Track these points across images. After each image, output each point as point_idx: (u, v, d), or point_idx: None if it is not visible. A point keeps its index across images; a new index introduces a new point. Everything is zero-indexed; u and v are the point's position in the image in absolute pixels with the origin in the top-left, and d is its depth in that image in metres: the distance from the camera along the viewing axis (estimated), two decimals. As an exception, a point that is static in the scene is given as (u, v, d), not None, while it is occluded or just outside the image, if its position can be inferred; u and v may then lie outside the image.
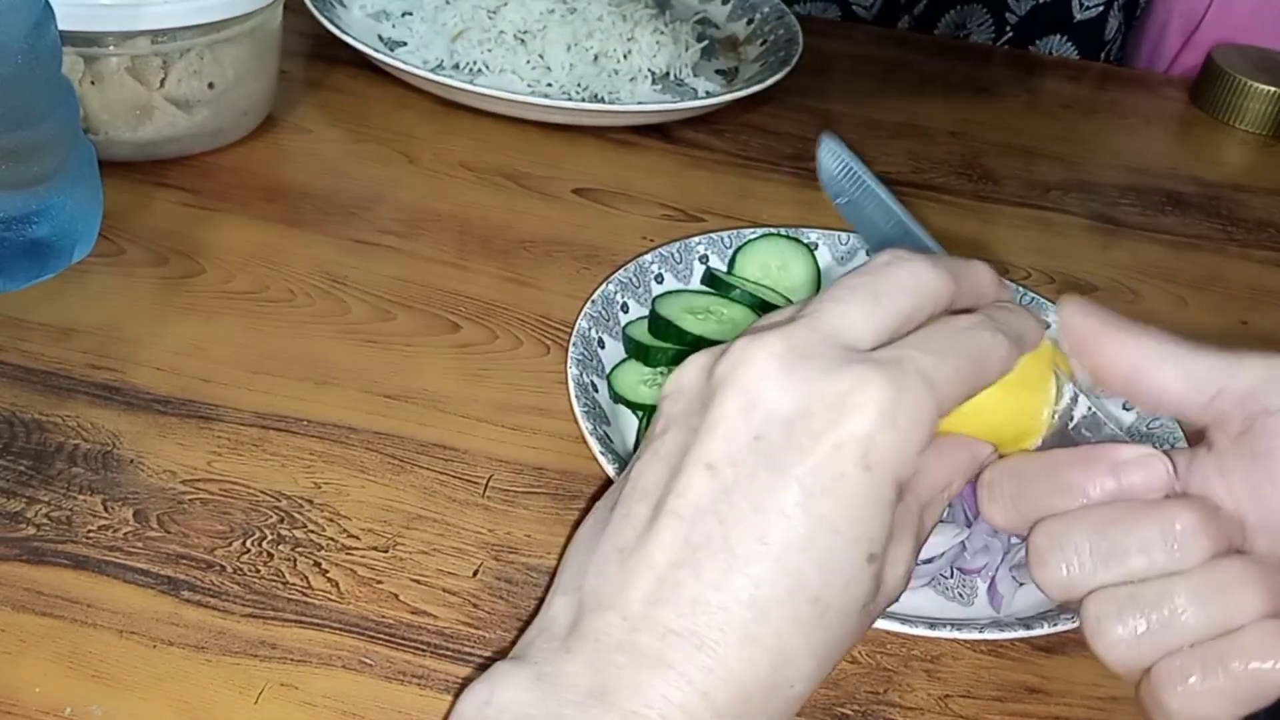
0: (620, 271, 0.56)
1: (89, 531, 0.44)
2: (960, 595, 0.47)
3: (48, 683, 0.39)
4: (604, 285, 0.55)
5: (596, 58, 0.78)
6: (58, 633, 0.40)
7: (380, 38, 0.79)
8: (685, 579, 0.28)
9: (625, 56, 0.79)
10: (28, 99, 0.49)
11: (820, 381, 0.29)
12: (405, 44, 0.79)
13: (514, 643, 0.33)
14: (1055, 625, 0.42)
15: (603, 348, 0.52)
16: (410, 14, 0.81)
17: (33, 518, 0.44)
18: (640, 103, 0.77)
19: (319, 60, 0.78)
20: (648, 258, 0.57)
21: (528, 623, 0.33)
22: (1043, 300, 0.58)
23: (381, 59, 0.73)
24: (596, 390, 0.50)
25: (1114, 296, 0.67)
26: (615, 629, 0.29)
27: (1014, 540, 0.48)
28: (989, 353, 0.31)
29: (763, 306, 0.56)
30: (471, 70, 0.77)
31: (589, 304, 0.53)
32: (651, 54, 0.79)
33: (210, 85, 0.64)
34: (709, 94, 0.79)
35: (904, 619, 0.42)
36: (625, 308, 0.55)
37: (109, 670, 0.40)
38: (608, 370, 0.52)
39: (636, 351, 0.53)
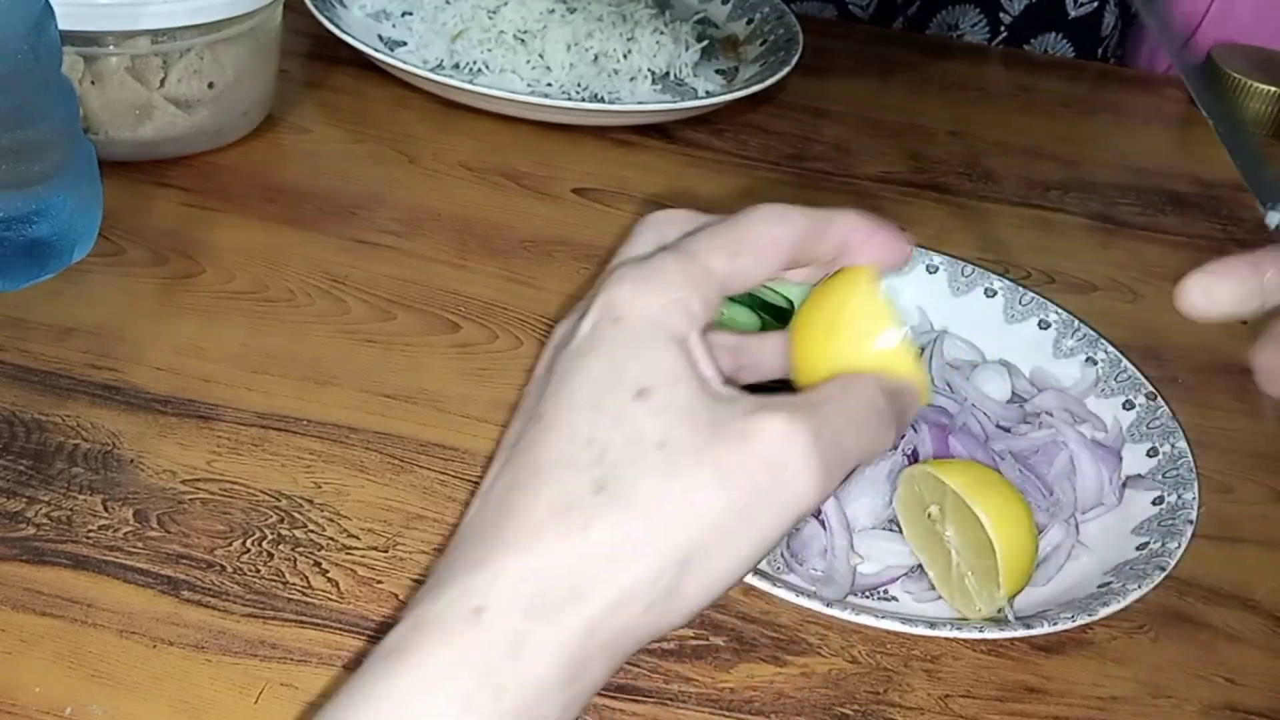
0: None
1: (89, 531, 0.44)
2: None
3: (48, 682, 0.39)
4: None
5: (596, 58, 0.78)
6: (58, 632, 0.40)
7: (380, 38, 0.79)
8: (493, 484, 0.30)
9: (625, 56, 0.79)
10: (28, 98, 0.49)
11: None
12: (405, 44, 0.79)
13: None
14: (1055, 625, 0.42)
15: None
16: (410, 14, 0.81)
17: (33, 517, 0.44)
18: (640, 103, 0.77)
19: (319, 60, 0.78)
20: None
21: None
22: (1043, 300, 0.58)
23: (381, 59, 0.73)
24: None
25: (1113, 296, 0.67)
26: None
27: None
28: (750, 214, 0.32)
29: (762, 306, 0.56)
30: (471, 70, 0.77)
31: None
32: (651, 54, 0.79)
33: (210, 85, 0.64)
34: (709, 94, 0.79)
35: (904, 619, 0.42)
36: None
37: (109, 670, 0.40)
38: None
39: None
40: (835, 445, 0.29)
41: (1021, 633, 0.42)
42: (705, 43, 0.84)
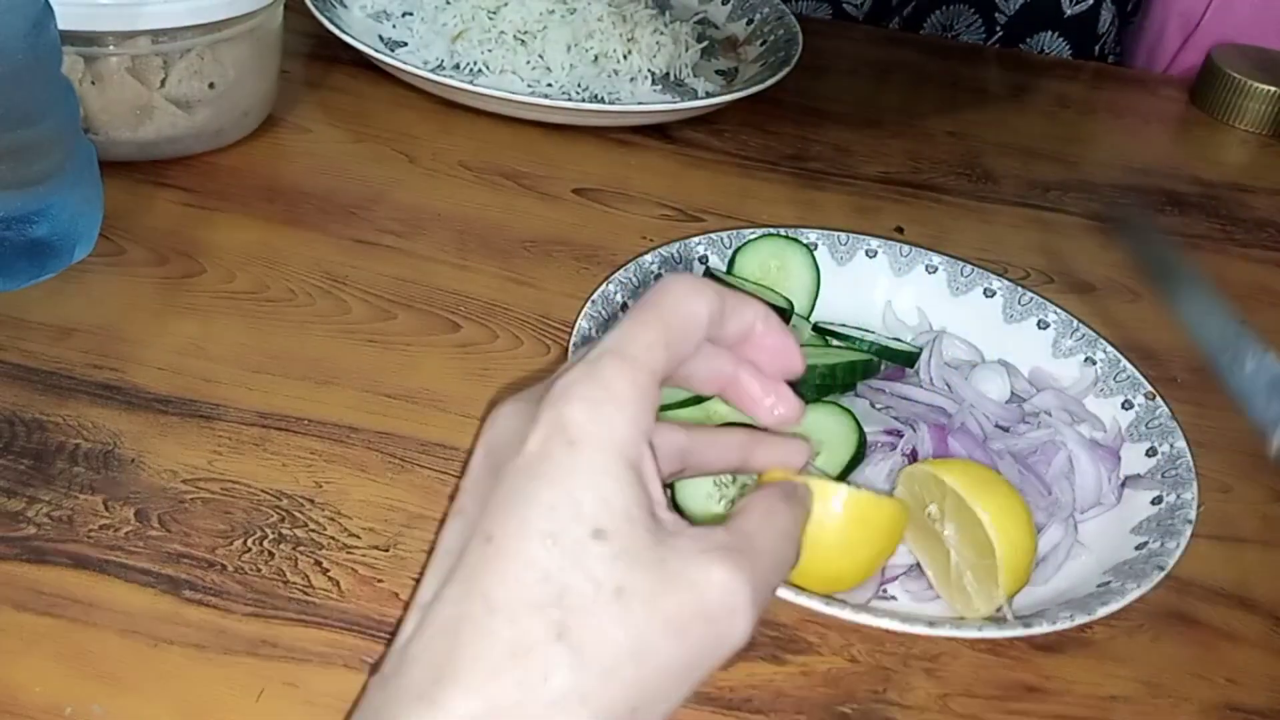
0: (620, 272, 0.56)
1: (90, 531, 0.44)
2: None
3: (48, 682, 0.39)
4: (604, 285, 0.55)
5: (596, 58, 0.78)
6: (58, 632, 0.41)
7: (381, 38, 0.79)
8: (435, 609, 0.29)
9: (625, 57, 0.79)
10: (28, 99, 0.49)
11: (538, 396, 0.31)
12: (405, 44, 0.79)
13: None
14: (1055, 625, 0.42)
15: None
16: (410, 14, 0.81)
17: (33, 517, 0.44)
18: (640, 103, 0.77)
19: (319, 60, 0.78)
20: (647, 258, 0.57)
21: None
22: (1043, 300, 0.58)
23: (381, 59, 0.73)
24: None
25: (1113, 296, 0.67)
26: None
27: None
28: (667, 293, 0.32)
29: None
30: (472, 70, 0.77)
31: (589, 304, 0.53)
32: (651, 54, 0.79)
33: (211, 85, 0.64)
34: (709, 94, 0.79)
35: (904, 618, 0.42)
36: (625, 307, 0.55)
37: (110, 669, 0.40)
38: None
39: None
40: (767, 588, 0.31)
41: (1021, 632, 0.42)
42: (705, 43, 0.84)
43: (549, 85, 0.76)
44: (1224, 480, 0.55)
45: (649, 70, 0.79)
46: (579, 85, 0.77)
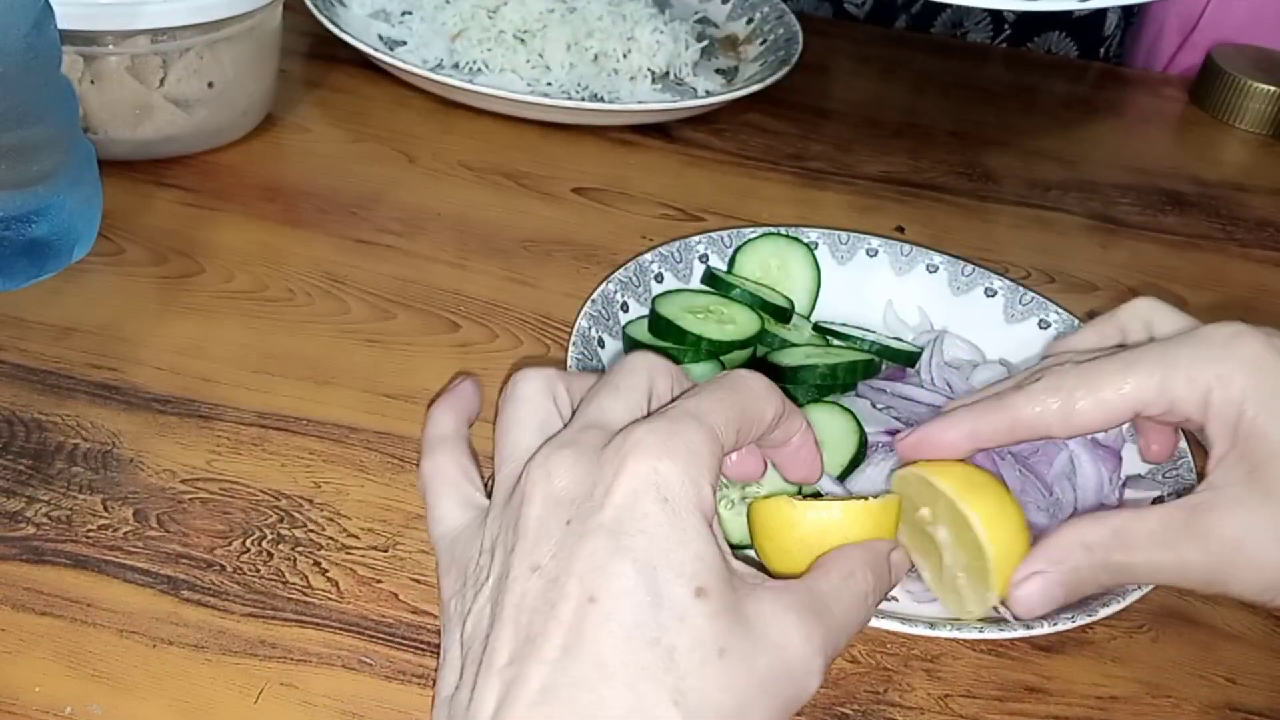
0: (620, 271, 0.56)
1: (89, 531, 0.44)
2: None
3: (48, 682, 0.39)
4: (604, 284, 0.55)
5: (596, 57, 0.78)
6: (57, 632, 0.40)
7: (380, 37, 0.79)
8: (528, 670, 0.28)
9: (625, 56, 0.79)
10: (27, 98, 0.49)
11: (601, 450, 0.31)
12: (405, 43, 0.79)
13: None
14: (1055, 625, 0.42)
15: (603, 347, 0.52)
16: (410, 14, 0.81)
17: (32, 517, 0.44)
18: (640, 102, 0.77)
19: (319, 59, 0.78)
20: (648, 257, 0.57)
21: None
22: (1044, 300, 0.58)
23: (381, 58, 0.73)
24: None
25: (1113, 296, 0.67)
26: None
27: None
28: (747, 385, 0.34)
29: (763, 306, 0.56)
30: (471, 70, 0.77)
31: (589, 303, 0.53)
32: (651, 53, 0.79)
33: (210, 84, 0.63)
34: (709, 93, 0.79)
35: (904, 619, 0.42)
36: (625, 307, 0.55)
37: (109, 669, 0.40)
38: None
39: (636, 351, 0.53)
40: (839, 643, 0.32)
41: (1022, 633, 0.42)
42: (705, 42, 0.84)
43: (548, 84, 0.76)
44: (1224, 480, 0.55)
45: (649, 69, 0.79)
46: (579, 84, 0.77)
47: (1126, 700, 0.45)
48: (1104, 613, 0.43)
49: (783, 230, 0.60)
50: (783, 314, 0.57)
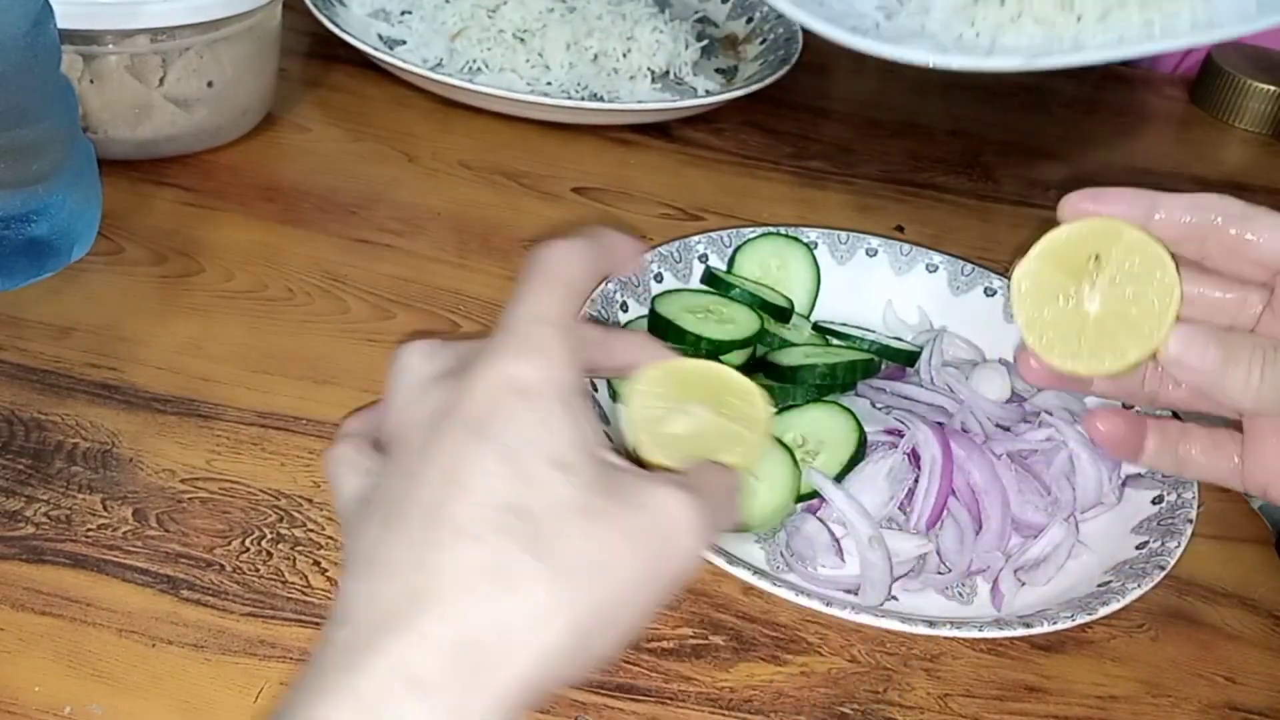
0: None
1: (88, 530, 0.44)
2: (960, 595, 0.47)
3: (47, 681, 0.39)
4: (603, 284, 0.55)
5: (596, 57, 0.78)
6: (57, 632, 0.40)
7: (380, 37, 0.79)
8: (386, 547, 0.29)
9: (625, 55, 0.79)
10: (26, 97, 0.49)
11: (460, 374, 0.32)
12: (405, 43, 0.79)
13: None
14: (1055, 624, 0.42)
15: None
16: (409, 13, 0.81)
17: (32, 516, 0.44)
18: (640, 102, 0.77)
19: (318, 59, 0.78)
20: (647, 257, 0.57)
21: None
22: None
23: (381, 58, 0.73)
24: (596, 390, 0.50)
25: (1114, 296, 0.67)
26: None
27: (1017, 541, 0.48)
28: (561, 266, 0.35)
29: (763, 305, 0.56)
30: (471, 69, 0.77)
31: (589, 303, 0.53)
32: (651, 52, 0.79)
33: (209, 84, 0.63)
34: (709, 93, 0.79)
35: (904, 618, 0.42)
36: (625, 307, 0.55)
37: (108, 669, 0.40)
38: None
39: None
40: (712, 525, 0.32)
41: (1022, 632, 0.42)
42: (705, 42, 0.84)
43: (548, 84, 0.76)
44: (1224, 480, 0.55)
45: (648, 69, 0.79)
46: (578, 84, 0.76)
47: (1126, 700, 0.45)
48: (1104, 611, 0.43)
49: (782, 230, 0.60)
50: (783, 314, 0.57)
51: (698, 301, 0.55)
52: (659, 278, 0.57)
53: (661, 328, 0.53)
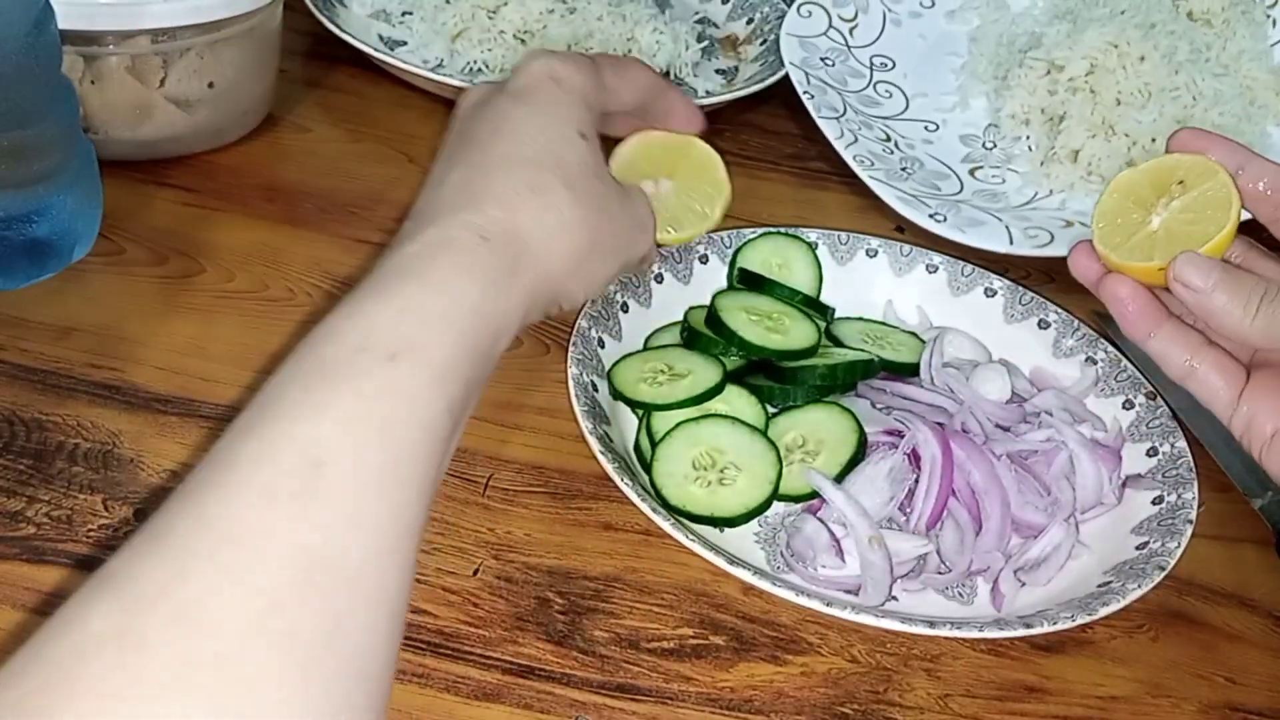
0: None
1: (89, 530, 0.44)
2: (960, 595, 0.47)
3: (48, 682, 0.39)
4: None
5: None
6: (58, 632, 0.40)
7: (380, 37, 0.79)
8: (445, 166, 0.40)
9: (625, 55, 0.79)
10: (27, 98, 0.49)
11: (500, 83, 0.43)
12: (405, 43, 0.79)
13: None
14: (1055, 624, 0.42)
15: (602, 347, 0.52)
16: (410, 14, 0.81)
17: (33, 517, 0.44)
18: None
19: (319, 59, 0.78)
20: None
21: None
22: (1043, 299, 0.58)
23: (381, 58, 0.73)
24: (596, 390, 0.50)
25: (1114, 296, 0.67)
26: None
27: (1017, 541, 0.48)
28: (639, 67, 0.47)
29: (806, 302, 0.57)
30: (471, 70, 0.77)
31: (589, 304, 0.53)
32: (651, 53, 0.79)
33: (210, 84, 0.63)
34: (709, 94, 0.79)
35: (904, 618, 0.42)
36: (625, 308, 0.55)
37: (109, 669, 0.40)
38: (607, 369, 0.52)
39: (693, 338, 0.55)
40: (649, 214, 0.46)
41: (1022, 632, 0.42)
42: (705, 43, 0.84)
43: None
44: (1225, 480, 0.55)
45: None
46: None
47: (1126, 700, 0.45)
48: (1104, 612, 0.43)
49: (784, 230, 0.60)
50: (816, 308, 0.58)
51: (762, 307, 0.55)
52: (659, 278, 0.57)
53: (710, 317, 0.54)
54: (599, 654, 0.43)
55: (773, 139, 0.78)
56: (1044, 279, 0.67)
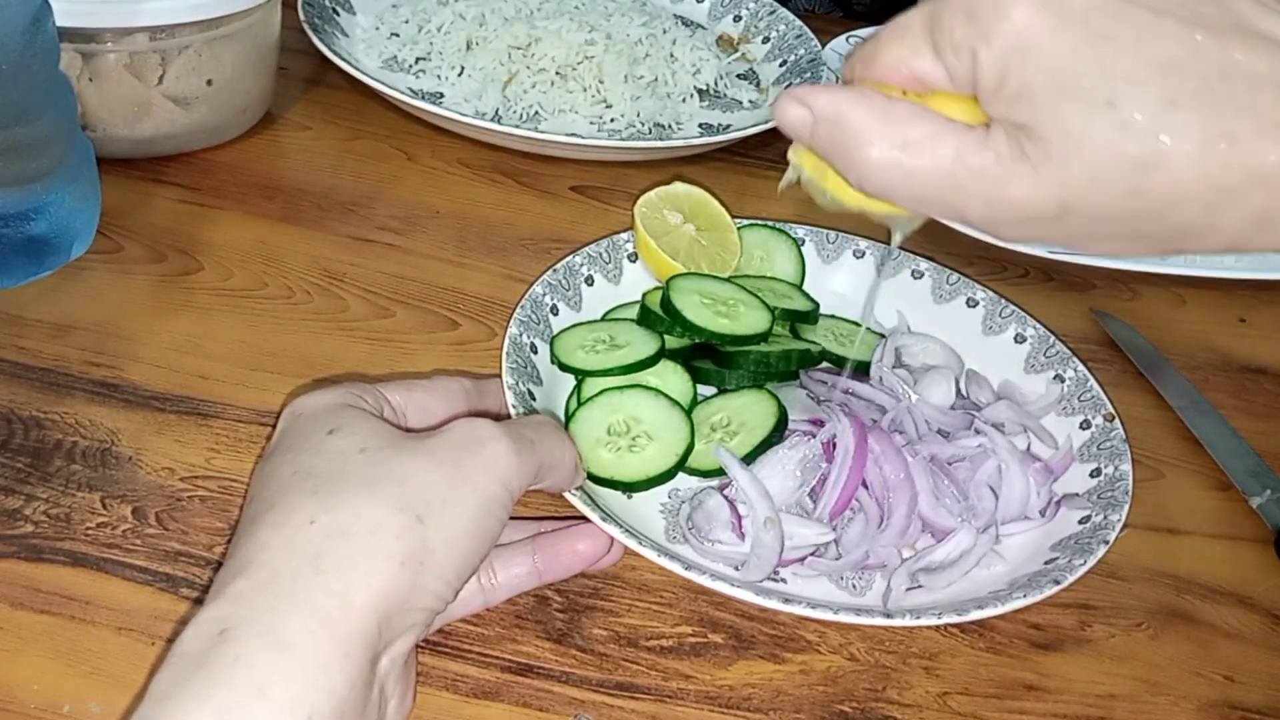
0: (590, 248, 0.56)
1: (87, 529, 0.44)
2: (854, 586, 0.46)
3: (46, 680, 0.39)
4: (531, 287, 0.54)
5: (650, 84, 0.76)
6: (56, 630, 0.40)
7: (413, 90, 0.76)
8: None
9: (673, 76, 0.78)
10: (25, 96, 0.49)
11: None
12: (442, 95, 0.75)
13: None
14: (920, 619, 0.41)
15: (555, 314, 0.53)
16: (427, 59, 0.77)
17: (31, 515, 0.44)
18: (692, 133, 0.76)
19: (317, 57, 0.78)
20: (576, 260, 0.57)
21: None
22: (1023, 314, 0.58)
23: (381, 88, 0.70)
24: (535, 352, 0.51)
25: (1112, 294, 0.67)
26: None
27: (919, 547, 0.48)
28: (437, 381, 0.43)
29: (784, 314, 0.56)
30: (527, 115, 0.74)
31: (547, 272, 0.53)
32: (693, 70, 0.79)
33: (208, 82, 0.63)
34: (753, 103, 0.78)
35: (785, 597, 0.41)
36: (555, 310, 0.55)
37: (107, 667, 0.40)
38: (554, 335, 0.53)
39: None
40: (519, 432, 0.37)
41: (882, 621, 0.41)
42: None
43: (612, 120, 0.74)
44: (1223, 479, 0.55)
45: (695, 89, 0.79)
46: (638, 116, 0.75)
47: (1125, 698, 0.45)
48: (973, 615, 0.41)
49: (770, 222, 0.60)
50: (805, 317, 0.57)
51: (720, 292, 0.54)
52: (590, 281, 0.56)
53: (664, 300, 0.53)
54: (598, 652, 0.43)
55: (772, 137, 0.77)
56: (1042, 277, 0.67)
